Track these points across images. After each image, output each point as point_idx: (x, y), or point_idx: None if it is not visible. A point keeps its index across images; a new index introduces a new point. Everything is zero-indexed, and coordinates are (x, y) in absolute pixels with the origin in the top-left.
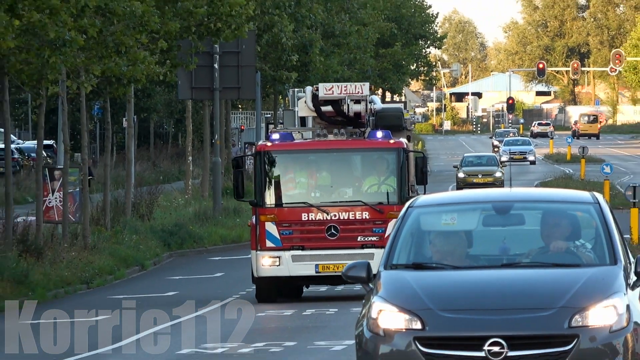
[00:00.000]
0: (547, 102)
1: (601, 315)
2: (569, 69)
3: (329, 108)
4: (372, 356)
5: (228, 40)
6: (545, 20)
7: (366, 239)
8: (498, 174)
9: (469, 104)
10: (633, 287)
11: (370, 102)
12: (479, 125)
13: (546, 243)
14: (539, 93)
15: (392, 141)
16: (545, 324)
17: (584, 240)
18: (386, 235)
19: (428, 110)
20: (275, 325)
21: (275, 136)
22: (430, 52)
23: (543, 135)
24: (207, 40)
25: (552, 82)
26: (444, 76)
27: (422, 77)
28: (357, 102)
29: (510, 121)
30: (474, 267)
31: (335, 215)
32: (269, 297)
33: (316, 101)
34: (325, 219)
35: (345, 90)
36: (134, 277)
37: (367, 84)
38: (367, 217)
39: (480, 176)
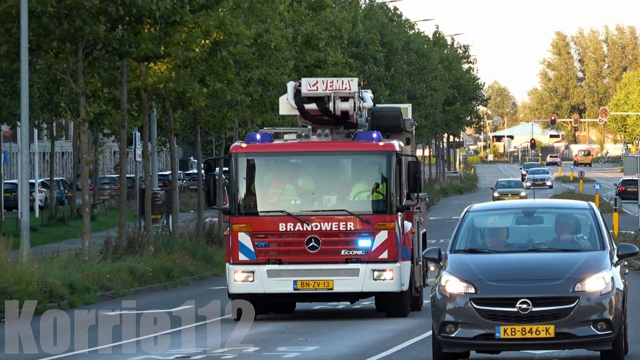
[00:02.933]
0: (557, 141)
1: (594, 284)
2: (572, 120)
3: (313, 106)
4: (442, 311)
5: None
6: (555, 87)
7: (351, 252)
8: (523, 194)
9: (504, 143)
10: (616, 265)
11: (360, 100)
12: (511, 158)
13: (558, 235)
14: (551, 136)
15: (381, 143)
16: (557, 289)
17: (582, 234)
18: (374, 249)
19: (478, 147)
20: None
21: (253, 137)
22: (479, 109)
23: (554, 164)
24: None
25: (560, 128)
26: (488, 125)
27: (474, 125)
28: (345, 99)
29: (532, 154)
30: (510, 252)
31: (316, 226)
32: (247, 314)
33: (299, 98)
34: (305, 229)
35: (331, 87)
36: None
37: (355, 80)
38: (352, 229)
39: (509, 195)
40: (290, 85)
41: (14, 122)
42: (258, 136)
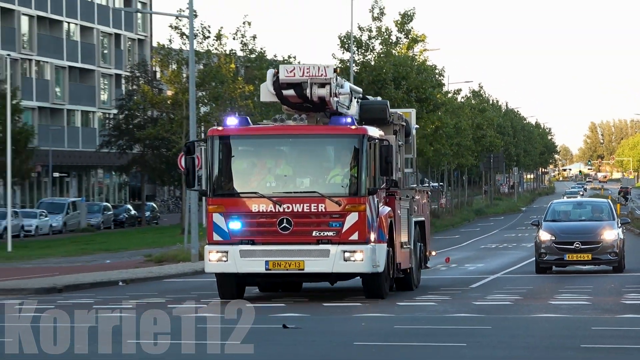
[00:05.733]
0: (591, 171)
1: (609, 235)
2: (598, 161)
3: (291, 92)
4: (539, 247)
5: (495, 154)
6: (590, 147)
7: (322, 234)
8: (578, 197)
9: (567, 172)
10: (619, 227)
11: (337, 87)
12: (570, 179)
13: (592, 214)
14: (588, 168)
15: (353, 127)
16: (592, 237)
17: (604, 213)
18: (344, 230)
19: (555, 173)
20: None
21: (230, 120)
22: (556, 156)
23: (589, 181)
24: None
25: (593, 165)
26: (560, 163)
27: (553, 164)
28: (322, 85)
29: (579, 178)
30: (570, 221)
31: (288, 207)
32: (231, 294)
33: (277, 84)
34: (277, 211)
35: (308, 73)
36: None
37: (331, 66)
38: (324, 210)
39: (572, 196)
40: (270, 72)
41: None
42: (236, 120)
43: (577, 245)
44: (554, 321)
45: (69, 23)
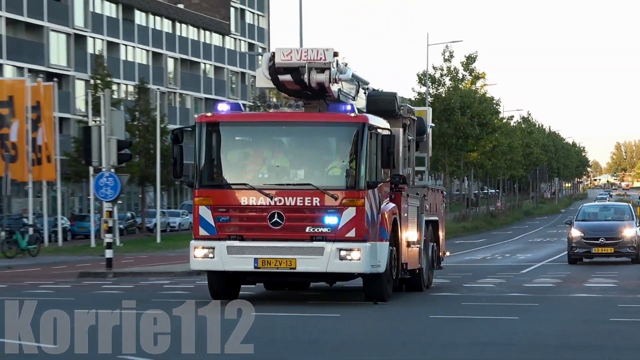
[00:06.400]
0: (616, 180)
1: (629, 232)
2: (622, 173)
3: (287, 77)
4: (571, 242)
5: (540, 167)
6: (615, 162)
7: (316, 230)
8: (606, 201)
9: (597, 182)
10: (637, 226)
11: (338, 72)
12: (600, 187)
13: (615, 215)
14: (614, 179)
15: (353, 114)
16: (615, 234)
17: (625, 214)
18: (341, 226)
19: (588, 182)
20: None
21: (221, 107)
22: (589, 169)
23: (614, 189)
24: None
25: (618, 176)
26: (592, 175)
27: (586, 175)
28: (321, 71)
29: (607, 186)
30: (597, 221)
31: (280, 201)
32: (223, 293)
33: (273, 69)
34: (268, 204)
35: (305, 57)
36: None
37: (331, 49)
38: (318, 204)
39: (602, 201)
40: (266, 55)
41: None
42: (227, 106)
43: (602, 240)
44: (588, 300)
45: (205, 64)
